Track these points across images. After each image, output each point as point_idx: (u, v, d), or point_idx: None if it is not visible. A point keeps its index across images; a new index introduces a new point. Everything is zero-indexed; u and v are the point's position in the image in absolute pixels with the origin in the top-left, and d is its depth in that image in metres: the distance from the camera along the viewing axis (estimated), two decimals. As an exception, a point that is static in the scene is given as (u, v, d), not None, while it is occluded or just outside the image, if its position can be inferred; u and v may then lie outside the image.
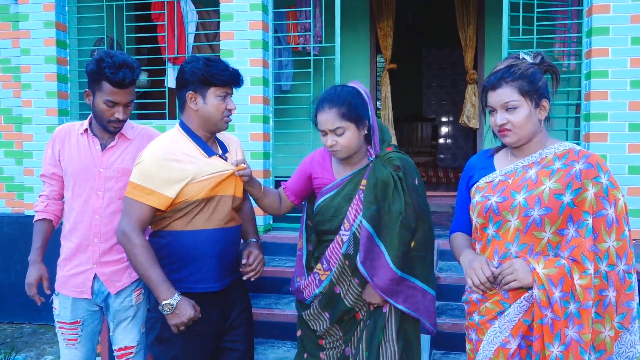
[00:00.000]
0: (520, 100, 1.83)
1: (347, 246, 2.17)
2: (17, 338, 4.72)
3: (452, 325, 3.41)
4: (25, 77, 4.93)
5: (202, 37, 5.59)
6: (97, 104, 2.36)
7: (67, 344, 2.51)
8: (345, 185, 2.22)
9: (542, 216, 1.78)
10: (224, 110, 2.23)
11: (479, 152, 2.13)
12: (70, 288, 2.48)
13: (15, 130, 5.17)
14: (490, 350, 1.84)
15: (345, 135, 2.13)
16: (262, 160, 4.46)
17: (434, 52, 11.53)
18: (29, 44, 4.91)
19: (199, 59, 2.21)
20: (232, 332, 2.35)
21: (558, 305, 1.72)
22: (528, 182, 1.84)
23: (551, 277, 1.73)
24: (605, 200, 1.77)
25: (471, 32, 6.55)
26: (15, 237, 5.06)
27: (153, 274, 2.11)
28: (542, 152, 1.88)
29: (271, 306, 3.77)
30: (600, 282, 1.76)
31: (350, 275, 2.20)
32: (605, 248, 1.76)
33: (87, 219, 2.44)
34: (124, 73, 2.29)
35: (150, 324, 2.32)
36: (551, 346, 1.73)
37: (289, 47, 6.20)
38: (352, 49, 6.77)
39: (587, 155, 1.82)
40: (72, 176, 2.45)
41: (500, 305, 1.84)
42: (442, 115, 11.88)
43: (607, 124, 3.97)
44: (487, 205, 1.88)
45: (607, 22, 3.95)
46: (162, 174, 2.15)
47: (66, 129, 2.52)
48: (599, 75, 3.96)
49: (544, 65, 1.91)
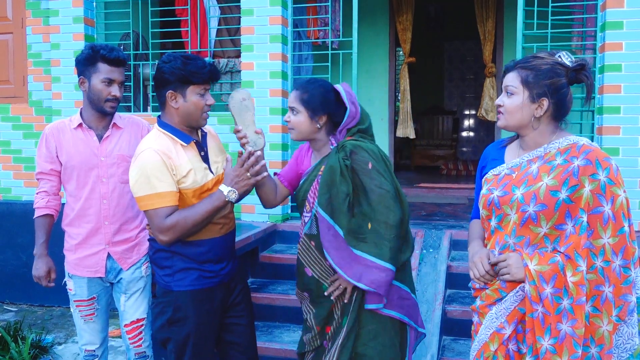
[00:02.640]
0: (518, 89, 1.88)
1: (310, 226, 2.35)
2: (47, 320, 4.95)
3: (462, 312, 3.51)
4: (55, 71, 5.15)
5: (224, 32, 5.74)
6: (94, 85, 2.56)
7: (86, 320, 2.72)
8: (312, 172, 2.40)
9: (537, 212, 1.82)
10: (204, 106, 2.31)
11: (494, 142, 2.18)
12: (84, 269, 2.68)
13: (46, 122, 5.37)
14: (486, 335, 1.94)
15: (297, 117, 2.33)
16: (281, 152, 4.61)
17: (456, 45, 11.53)
18: (58, 39, 5.13)
19: (177, 57, 2.26)
20: (235, 308, 2.51)
21: (549, 300, 1.78)
22: (529, 177, 1.88)
23: (542, 273, 1.79)
24: (602, 197, 1.78)
25: (490, 25, 6.59)
26: (46, 224, 5.28)
27: (204, 208, 2.23)
28: (547, 146, 1.91)
29: (288, 292, 3.91)
30: (596, 278, 1.79)
31: (319, 257, 2.34)
32: (601, 244, 1.78)
33: (96, 205, 2.64)
34: (117, 52, 2.58)
35: (159, 308, 2.40)
36: (542, 339, 1.80)
37: (309, 41, 6.31)
38: (371, 42, 6.86)
39: (588, 151, 1.82)
40: (75, 168, 2.64)
41: (498, 293, 1.93)
42: (464, 108, 11.89)
43: (620, 117, 4.01)
44: (490, 199, 1.95)
45: (621, 16, 3.98)
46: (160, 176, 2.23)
47: (57, 126, 2.69)
48: (613, 69, 4.00)
49: (579, 73, 1.87)
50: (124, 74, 2.63)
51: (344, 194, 2.23)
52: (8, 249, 5.37)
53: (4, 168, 5.51)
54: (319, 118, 2.33)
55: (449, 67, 11.79)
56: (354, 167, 2.24)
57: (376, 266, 2.20)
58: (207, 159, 2.40)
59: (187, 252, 2.33)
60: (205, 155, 2.39)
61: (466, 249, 4.04)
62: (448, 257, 3.96)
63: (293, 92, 2.37)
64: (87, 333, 2.73)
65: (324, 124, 2.35)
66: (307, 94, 2.32)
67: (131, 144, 2.69)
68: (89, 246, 2.66)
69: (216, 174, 2.39)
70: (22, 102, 5.51)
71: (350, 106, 2.31)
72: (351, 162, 2.23)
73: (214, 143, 2.50)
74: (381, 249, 2.20)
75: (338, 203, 2.23)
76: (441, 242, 4.14)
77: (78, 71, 2.62)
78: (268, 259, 4.23)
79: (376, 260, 2.20)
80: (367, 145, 2.31)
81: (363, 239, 2.22)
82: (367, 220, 2.23)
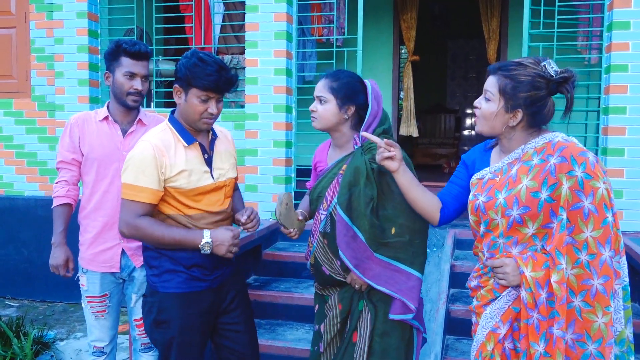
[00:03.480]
0: (495, 96, 1.87)
1: (325, 224, 2.32)
2: (49, 316, 4.95)
3: (465, 312, 3.50)
4: (59, 66, 5.13)
5: (228, 28, 5.72)
6: (117, 78, 2.59)
7: (97, 317, 2.71)
8: (332, 169, 2.36)
9: (521, 215, 1.81)
10: (203, 112, 2.22)
11: (484, 142, 2.16)
12: (99, 264, 2.67)
13: (49, 117, 5.37)
14: (482, 334, 1.94)
15: (325, 106, 2.28)
16: (285, 149, 4.60)
17: (460, 43, 11.50)
18: (62, 34, 5.11)
19: (194, 55, 2.20)
20: (229, 314, 2.44)
21: (544, 306, 1.78)
22: (509, 180, 1.87)
23: (538, 279, 1.79)
24: (581, 192, 1.76)
25: (494, 24, 6.57)
26: (49, 219, 5.21)
27: (175, 235, 2.20)
28: (524, 147, 1.90)
29: (290, 290, 3.90)
30: (582, 272, 1.77)
31: (331, 256, 2.32)
32: (583, 239, 1.77)
33: (113, 199, 2.63)
34: (139, 46, 2.59)
35: (146, 308, 2.38)
36: (536, 345, 1.79)
37: (312, 38, 6.29)
38: (375, 40, 6.84)
39: (562, 148, 1.81)
40: (96, 160, 2.63)
41: (492, 293, 1.94)
42: (467, 107, 11.87)
43: (626, 118, 4.00)
44: (476, 205, 1.94)
45: (628, 16, 3.96)
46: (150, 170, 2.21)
47: (83, 117, 2.70)
48: (619, 69, 3.99)
49: (560, 85, 1.84)
50: (148, 67, 2.64)
51: (369, 197, 2.20)
52: (10, 244, 5.37)
53: (6, 163, 5.51)
54: (347, 108, 2.29)
55: (452, 66, 11.75)
56: (381, 170, 2.20)
57: (405, 274, 2.21)
58: (211, 162, 2.35)
59: (175, 254, 2.27)
60: (209, 159, 2.34)
61: (470, 248, 4.05)
62: (452, 256, 3.95)
63: (321, 81, 2.32)
64: (97, 330, 2.72)
65: (351, 115, 2.30)
66: (337, 82, 2.28)
67: None
68: (104, 240, 2.65)
69: (216, 180, 2.33)
70: (25, 97, 5.51)
71: (373, 103, 2.27)
72: (378, 166, 2.19)
73: (224, 148, 2.44)
74: (408, 255, 2.21)
75: (360, 205, 2.20)
76: (445, 241, 4.13)
77: (105, 66, 2.65)
78: (271, 256, 4.23)
79: (404, 267, 2.21)
80: None
81: (386, 243, 2.21)
82: (391, 224, 2.22)
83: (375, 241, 2.21)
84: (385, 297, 2.26)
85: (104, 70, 2.66)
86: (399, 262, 2.22)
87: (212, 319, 2.41)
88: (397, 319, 2.25)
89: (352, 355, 2.29)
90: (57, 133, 5.15)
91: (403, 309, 2.23)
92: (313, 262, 2.42)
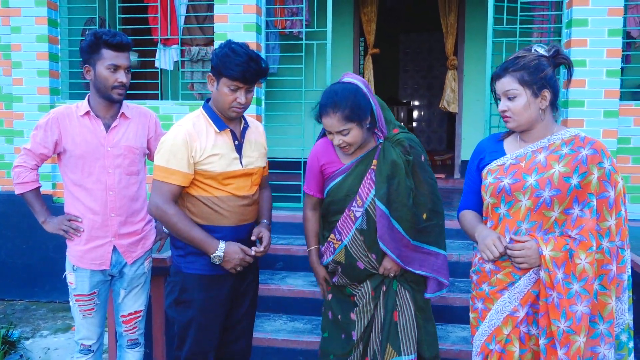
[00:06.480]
0: (519, 90, 1.99)
1: (361, 221, 2.39)
2: (10, 314, 4.79)
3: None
4: (16, 56, 4.94)
5: (192, 19, 5.64)
6: (100, 72, 2.51)
7: (85, 315, 2.66)
8: (356, 167, 2.40)
9: (552, 197, 1.95)
10: (232, 101, 2.30)
11: (488, 136, 2.30)
12: (89, 262, 2.62)
13: (5, 109, 5.18)
14: (499, 319, 2.05)
15: (351, 134, 2.30)
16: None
17: (412, 37, 11.71)
18: (19, 22, 4.92)
19: (227, 45, 2.28)
20: (241, 298, 2.55)
21: (561, 285, 1.91)
22: (538, 165, 2.00)
23: (556, 259, 1.92)
24: (608, 183, 1.95)
25: (452, 19, 6.74)
26: (7, 214, 5.10)
27: (195, 234, 2.30)
28: (550, 138, 2.04)
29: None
30: (603, 257, 1.95)
31: (366, 251, 2.42)
32: (607, 226, 1.95)
33: (102, 196, 2.58)
34: (120, 37, 2.52)
35: (169, 287, 2.48)
36: (558, 322, 1.92)
37: (276, 30, 6.29)
38: (337, 33, 6.88)
39: (592, 142, 1.98)
40: (81, 157, 2.56)
41: (511, 276, 2.04)
42: (417, 99, 12.13)
43: (584, 111, 4.23)
44: (499, 187, 2.04)
45: (586, 14, 4.19)
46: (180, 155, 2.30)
47: (64, 112, 2.59)
48: (578, 65, 4.19)
49: (557, 58, 2.04)
50: (129, 59, 2.58)
51: (409, 188, 2.35)
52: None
53: (-41, 157, 5.26)
54: (365, 122, 2.32)
55: (404, 58, 11.98)
56: (413, 161, 2.36)
57: (434, 254, 2.44)
58: (241, 149, 2.41)
59: None
60: (239, 146, 2.41)
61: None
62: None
63: (329, 118, 2.27)
64: (85, 328, 2.68)
65: (368, 123, 2.35)
66: (347, 109, 2.25)
67: (138, 135, 2.67)
68: (94, 238, 2.61)
69: (245, 167, 2.41)
70: (-20, 88, 5.27)
71: (374, 104, 2.37)
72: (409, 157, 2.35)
73: (255, 138, 2.50)
74: (436, 236, 2.44)
75: (401, 196, 2.33)
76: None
77: (82, 60, 2.56)
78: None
79: (433, 249, 2.43)
80: (415, 138, 2.46)
81: (421, 229, 2.40)
82: (423, 210, 2.40)
83: (413, 229, 2.37)
84: (416, 276, 2.46)
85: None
86: (429, 245, 2.44)
87: (229, 304, 2.49)
88: (432, 297, 2.49)
89: (397, 333, 2.42)
90: (14, 126, 4.96)
91: (439, 287, 2.49)
92: (342, 260, 2.45)
